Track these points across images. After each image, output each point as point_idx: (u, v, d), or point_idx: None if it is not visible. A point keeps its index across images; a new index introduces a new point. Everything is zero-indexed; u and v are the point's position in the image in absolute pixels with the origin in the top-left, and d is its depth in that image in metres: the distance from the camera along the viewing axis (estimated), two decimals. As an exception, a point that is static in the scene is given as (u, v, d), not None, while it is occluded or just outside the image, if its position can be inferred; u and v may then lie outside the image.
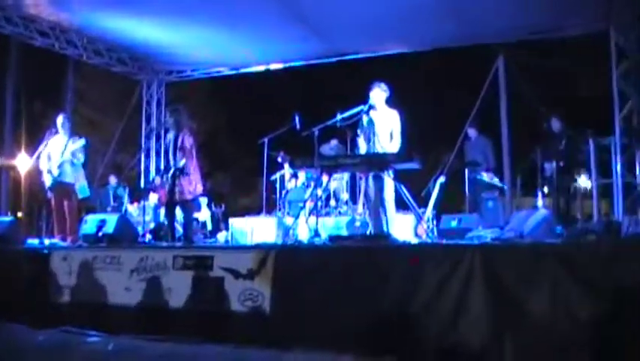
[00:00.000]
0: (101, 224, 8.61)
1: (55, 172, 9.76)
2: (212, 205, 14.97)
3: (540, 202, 10.36)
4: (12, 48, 20.40)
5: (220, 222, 14.36)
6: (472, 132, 11.82)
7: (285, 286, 6.16)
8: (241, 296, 6.29)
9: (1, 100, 21.21)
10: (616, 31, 11.02)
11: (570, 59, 16.45)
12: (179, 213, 9.43)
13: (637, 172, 10.42)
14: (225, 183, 24.49)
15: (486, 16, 11.04)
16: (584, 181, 10.96)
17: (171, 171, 8.91)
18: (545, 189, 10.67)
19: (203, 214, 13.86)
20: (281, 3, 10.81)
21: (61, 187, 9.82)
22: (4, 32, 12.18)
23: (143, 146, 15.27)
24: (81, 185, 9.92)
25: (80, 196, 9.93)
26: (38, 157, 9.99)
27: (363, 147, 8.51)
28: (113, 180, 14.48)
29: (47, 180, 9.87)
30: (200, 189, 9.22)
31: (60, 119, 10.08)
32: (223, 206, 15.65)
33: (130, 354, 6.13)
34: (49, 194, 9.97)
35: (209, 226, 13.91)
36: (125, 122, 15.77)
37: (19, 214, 13.66)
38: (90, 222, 8.85)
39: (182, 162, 8.86)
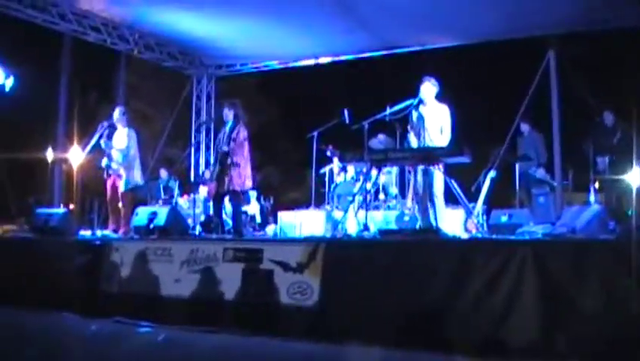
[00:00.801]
0: (152, 216, 8.73)
1: (112, 164, 9.91)
2: (262, 198, 15.05)
3: (592, 197, 10.18)
4: (65, 43, 20.73)
5: (269, 215, 14.41)
6: (524, 127, 11.65)
7: (334, 279, 6.19)
8: (290, 289, 6.33)
9: (54, 94, 21.63)
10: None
11: (623, 50, 16.11)
12: (227, 205, 9.47)
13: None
14: (274, 177, 24.58)
15: (536, 7, 10.87)
16: (635, 176, 10.70)
17: (219, 156, 9.00)
18: (597, 185, 10.49)
19: (253, 207, 13.93)
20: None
21: (115, 178, 9.98)
22: (57, 29, 12.40)
23: (193, 140, 15.40)
24: (126, 178, 9.97)
25: (132, 186, 10.03)
26: (91, 150, 10.17)
27: (414, 142, 8.47)
28: (163, 173, 14.64)
29: (105, 173, 10.03)
30: (249, 183, 9.26)
31: (117, 113, 10.23)
32: (272, 199, 15.71)
33: (180, 346, 6.22)
34: (107, 185, 10.11)
35: (259, 219, 13.97)
36: (176, 117, 15.92)
37: (71, 206, 13.87)
38: (141, 215, 8.97)
39: (226, 148, 8.94)
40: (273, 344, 6.05)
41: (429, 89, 8.32)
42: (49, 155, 15.06)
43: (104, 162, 9.98)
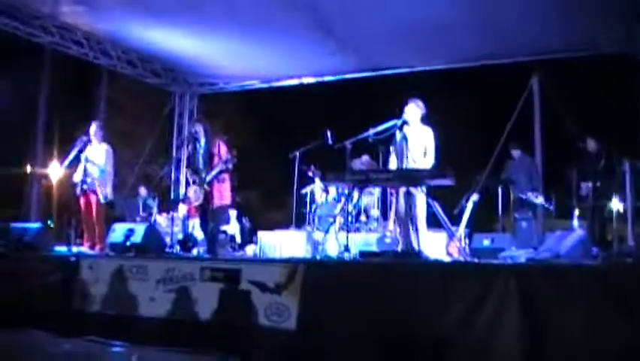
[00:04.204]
0: (129, 233, 8.57)
1: (86, 180, 9.77)
2: (242, 218, 14.92)
3: (576, 223, 10.13)
4: (45, 58, 20.57)
5: (249, 235, 14.29)
6: (515, 152, 11.59)
7: (313, 301, 6.05)
8: (268, 310, 6.20)
9: (33, 109, 21.42)
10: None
11: (607, 77, 16.22)
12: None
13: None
14: (256, 197, 24.45)
15: (520, 32, 10.92)
16: (616, 204, 10.68)
17: (210, 177, 8.91)
18: (577, 211, 10.44)
19: (232, 227, 13.83)
20: (310, 17, 10.79)
21: (87, 194, 9.84)
22: (40, 41, 12.29)
23: (174, 157, 15.25)
24: (103, 193, 9.85)
25: (106, 202, 9.90)
26: (68, 165, 10.02)
27: (393, 163, 8.38)
28: (143, 190, 14.49)
29: (78, 188, 9.88)
30: (228, 200, 9.20)
31: (93, 128, 10.11)
32: (252, 219, 15.59)
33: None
34: (81, 201, 9.96)
35: (239, 239, 13.85)
36: (157, 134, 15.79)
37: (49, 222, 13.69)
38: (118, 231, 8.81)
39: (216, 170, 8.88)
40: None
41: (414, 110, 8.23)
42: (27, 170, 14.90)
43: (78, 176, 9.83)
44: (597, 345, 4.85)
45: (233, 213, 14.19)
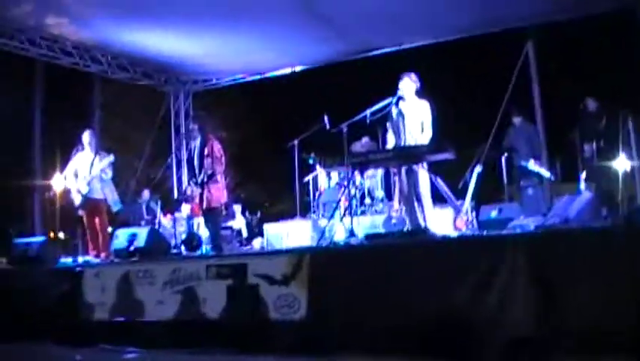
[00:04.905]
0: (132, 238, 8.53)
1: (84, 189, 9.69)
2: (247, 212, 14.83)
3: (583, 185, 10.00)
4: (37, 67, 20.46)
5: (255, 228, 14.20)
6: (516, 119, 11.44)
7: (321, 289, 5.97)
8: (277, 303, 6.11)
9: (29, 120, 21.33)
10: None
11: (601, 36, 16.04)
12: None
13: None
14: (260, 190, 24.38)
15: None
16: (623, 163, 10.54)
17: (200, 178, 8.81)
18: (583, 174, 10.32)
19: (238, 222, 13.75)
20: (298, 5, 10.65)
21: (92, 204, 9.76)
22: (28, 55, 12.17)
23: (173, 157, 15.15)
24: (113, 199, 9.85)
25: (114, 209, 9.86)
26: (68, 175, 9.95)
27: (391, 141, 8.27)
28: (146, 194, 14.40)
29: (77, 199, 9.80)
30: (225, 197, 9.15)
31: (86, 136, 10.02)
32: (259, 213, 15.50)
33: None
34: (80, 212, 9.89)
35: (245, 234, 13.77)
36: (156, 135, 15.70)
37: (52, 234, 13.62)
38: (121, 237, 8.77)
39: (210, 171, 8.78)
40: (264, 361, 5.81)
41: (408, 85, 8.11)
42: (29, 183, 14.84)
43: (83, 188, 9.71)
44: (609, 309, 4.74)
45: (237, 208, 14.11)
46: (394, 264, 5.76)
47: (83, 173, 9.75)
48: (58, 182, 11.08)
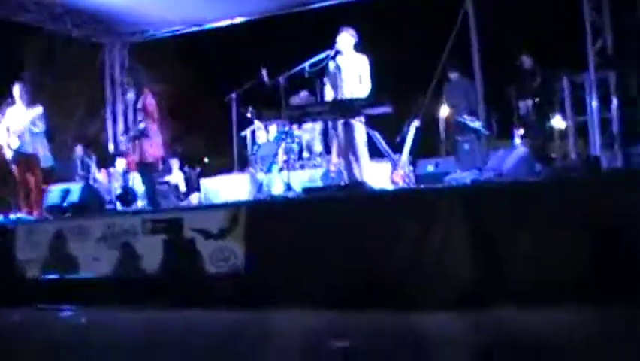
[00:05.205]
0: (65, 194, 8.36)
1: (15, 144, 9.40)
2: (185, 167, 14.67)
3: (518, 141, 10.16)
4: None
5: (194, 183, 14.06)
6: (453, 74, 11.48)
7: (258, 243, 5.99)
8: (213, 256, 6.09)
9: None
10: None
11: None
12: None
13: (612, 107, 10.17)
14: (197, 144, 24.13)
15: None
16: (558, 121, 10.71)
17: (133, 133, 8.63)
18: (521, 131, 10.47)
19: (175, 177, 13.59)
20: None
21: (23, 159, 9.47)
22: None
23: (108, 111, 14.81)
24: (44, 155, 9.58)
25: (45, 165, 9.59)
26: (-1, 131, 9.65)
27: (329, 95, 8.23)
28: (79, 149, 14.09)
29: (8, 153, 9.52)
30: (160, 152, 8.98)
31: (17, 89, 9.69)
32: (197, 167, 15.34)
33: (106, 326, 5.90)
34: (13, 167, 9.62)
35: (183, 188, 13.63)
36: (90, 89, 15.32)
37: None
38: (54, 193, 8.59)
39: (142, 125, 8.57)
40: (200, 315, 5.81)
41: (346, 39, 8.06)
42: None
43: (14, 143, 9.44)
44: (546, 262, 4.85)
45: (175, 162, 13.93)
46: (331, 217, 5.78)
47: (14, 127, 9.46)
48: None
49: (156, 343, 4.99)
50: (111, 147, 14.66)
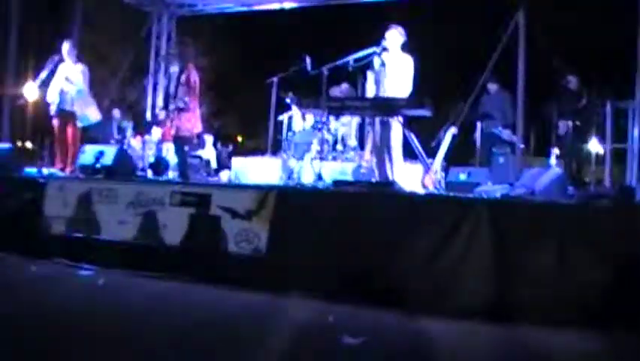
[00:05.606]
0: (99, 155, 8.40)
1: (57, 99, 9.53)
2: (219, 144, 14.74)
3: (553, 161, 10.06)
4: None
5: (225, 161, 14.13)
6: (492, 86, 11.41)
7: (282, 228, 6.01)
8: (237, 237, 6.12)
9: (5, 29, 20.80)
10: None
11: (594, 14, 15.96)
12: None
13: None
14: (233, 123, 24.18)
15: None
16: (595, 145, 10.60)
17: (174, 106, 8.68)
18: (557, 150, 10.38)
19: (208, 152, 13.66)
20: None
21: (63, 115, 9.61)
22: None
23: (150, 79, 14.92)
24: (82, 114, 9.68)
25: (80, 125, 9.70)
26: (40, 85, 9.76)
27: (371, 90, 8.20)
28: (117, 112, 14.19)
29: (52, 109, 9.65)
30: (199, 127, 9.04)
31: (66, 47, 9.82)
32: (230, 146, 15.41)
33: (121, 290, 5.95)
34: (54, 122, 9.74)
35: (214, 165, 13.70)
36: (134, 55, 15.42)
37: (20, 143, 13.44)
38: (88, 153, 8.63)
39: (184, 100, 8.63)
40: (215, 292, 5.83)
41: (395, 37, 8.02)
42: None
43: (52, 97, 9.57)
44: (566, 286, 4.83)
45: (209, 138, 14.00)
46: (358, 212, 5.79)
47: (59, 83, 9.59)
48: (30, 91, 10.84)
49: (158, 312, 5.10)
50: (149, 115, 14.79)
